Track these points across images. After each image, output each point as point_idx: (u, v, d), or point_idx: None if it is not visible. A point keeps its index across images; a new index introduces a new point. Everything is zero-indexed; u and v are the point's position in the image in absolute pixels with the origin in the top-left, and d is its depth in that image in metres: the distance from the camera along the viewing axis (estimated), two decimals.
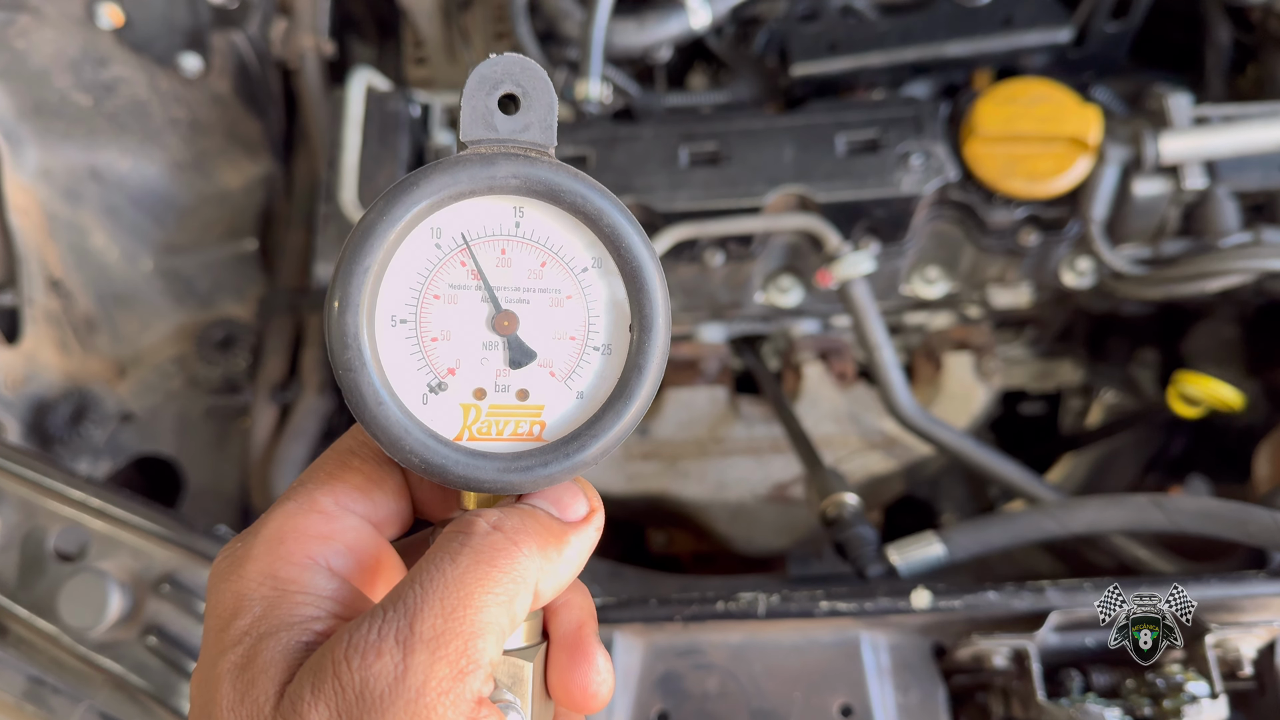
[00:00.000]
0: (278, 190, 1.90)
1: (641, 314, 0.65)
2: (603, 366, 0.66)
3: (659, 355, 0.65)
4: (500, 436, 0.65)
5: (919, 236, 1.54)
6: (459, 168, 0.62)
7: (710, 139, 1.51)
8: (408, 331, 0.64)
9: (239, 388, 1.75)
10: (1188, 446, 1.77)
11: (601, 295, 0.66)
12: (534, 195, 0.64)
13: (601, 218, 0.64)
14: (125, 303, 1.80)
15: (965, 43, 1.56)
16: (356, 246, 0.61)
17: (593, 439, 0.64)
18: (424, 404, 0.64)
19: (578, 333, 0.66)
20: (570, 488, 0.66)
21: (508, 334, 0.65)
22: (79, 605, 1.16)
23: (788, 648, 1.14)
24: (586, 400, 0.66)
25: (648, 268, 0.65)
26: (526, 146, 0.64)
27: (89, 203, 1.77)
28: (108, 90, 1.73)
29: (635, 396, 0.65)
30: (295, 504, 0.63)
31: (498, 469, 0.63)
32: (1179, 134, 1.42)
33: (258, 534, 0.61)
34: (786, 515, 1.59)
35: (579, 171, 0.64)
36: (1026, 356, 1.75)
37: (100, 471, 1.69)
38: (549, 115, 0.65)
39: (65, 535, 1.21)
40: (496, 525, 0.59)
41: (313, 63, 1.76)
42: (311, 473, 0.66)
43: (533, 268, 0.65)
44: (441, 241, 0.64)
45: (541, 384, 0.65)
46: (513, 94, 0.64)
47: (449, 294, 0.64)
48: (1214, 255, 1.39)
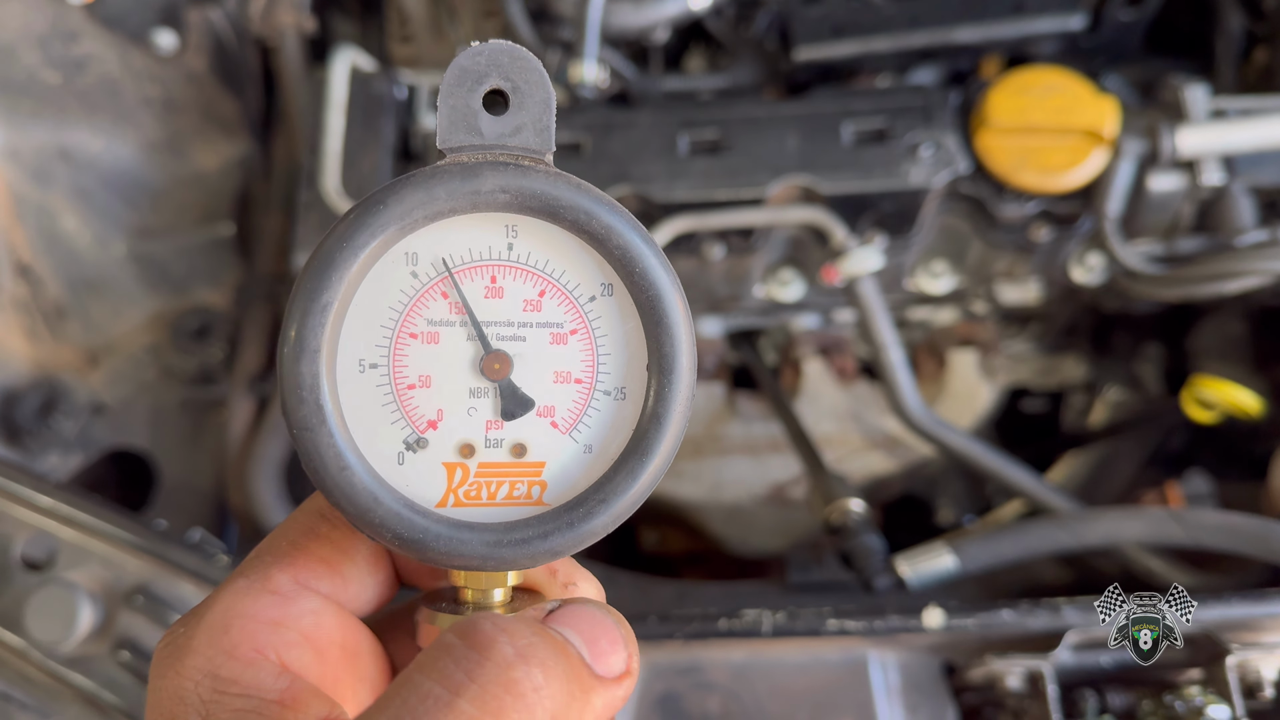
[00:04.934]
0: (255, 172, 1.82)
1: (661, 351, 0.55)
2: (614, 415, 0.57)
3: (682, 401, 0.55)
4: (492, 501, 0.56)
5: (927, 231, 1.48)
6: (436, 182, 0.53)
7: (711, 126, 1.45)
8: (379, 378, 0.54)
9: (215, 379, 1.68)
10: (1188, 442, 1.73)
11: (612, 329, 0.57)
12: (528, 212, 0.55)
13: (610, 237, 0.55)
14: (97, 289, 1.73)
15: (975, 28, 1.50)
16: (312, 278, 0.51)
17: (603, 504, 0.55)
18: (399, 465, 0.55)
19: (584, 375, 0.57)
20: (609, 628, 0.53)
21: (499, 378, 0.56)
22: (47, 618, 1.11)
23: (793, 666, 1.09)
24: (595, 455, 0.57)
25: (667, 295, 0.55)
26: (518, 153, 0.55)
27: (59, 185, 1.69)
28: (78, 67, 1.65)
29: (654, 451, 0.55)
30: (246, 582, 0.53)
31: (489, 542, 0.54)
32: (1197, 127, 1.37)
33: (201, 619, 0.52)
34: (784, 517, 1.54)
35: (582, 182, 0.55)
36: (1030, 352, 1.71)
37: (71, 465, 1.62)
38: (544, 115, 0.56)
39: (33, 543, 1.15)
40: (524, 654, 0.46)
41: (293, 40, 1.69)
42: (272, 541, 0.56)
43: (529, 298, 0.56)
44: (418, 269, 0.55)
45: (541, 437, 0.56)
46: (500, 90, 0.55)
47: (428, 332, 0.55)
48: (1233, 255, 1.34)
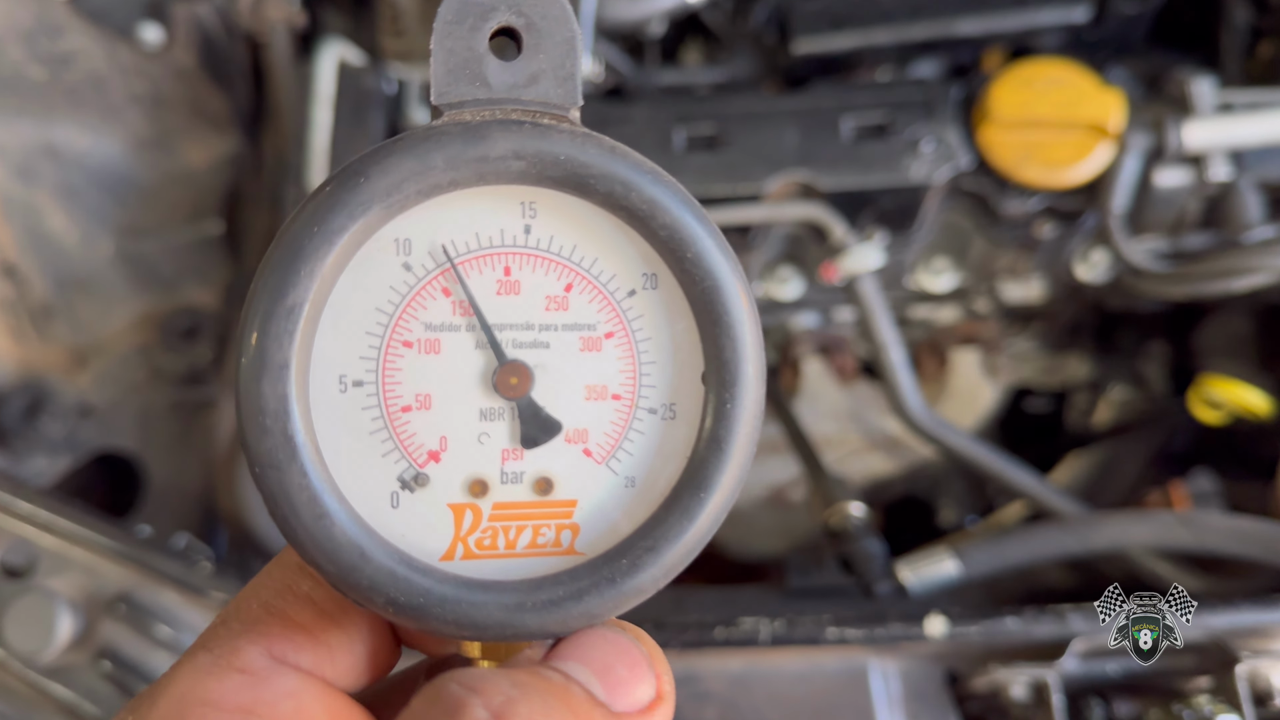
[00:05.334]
0: (245, 169, 1.79)
1: (720, 358, 0.44)
2: (662, 439, 0.45)
3: (749, 420, 0.43)
4: (512, 551, 0.44)
5: (928, 227, 1.45)
6: (432, 146, 0.41)
7: (707, 121, 1.42)
8: (365, 399, 0.42)
9: (204, 380, 1.65)
10: (1193, 442, 1.70)
11: (657, 332, 0.45)
12: (549, 184, 0.43)
13: (655, 214, 0.43)
14: (84, 288, 1.69)
15: (977, 20, 1.47)
16: (275, 274, 0.39)
17: (651, 553, 0.43)
18: (393, 508, 0.43)
19: (623, 390, 0.45)
20: (626, 649, 0.42)
21: (517, 396, 0.44)
22: (26, 628, 1.08)
23: (791, 675, 1.06)
24: (640, 491, 0.45)
25: (728, 287, 0.43)
26: (535, 109, 0.43)
27: (45, 182, 1.66)
28: (64, 63, 1.62)
29: (714, 484, 0.43)
30: (210, 658, 0.42)
31: (508, 606, 0.41)
32: (1203, 122, 1.35)
33: (155, 706, 0.42)
34: (784, 519, 1.51)
35: (617, 144, 0.44)
36: (1033, 351, 1.68)
37: (59, 468, 1.59)
38: (568, 59, 0.44)
39: (12, 550, 1.13)
40: (501, 714, 0.38)
41: (282, 34, 1.65)
42: (240, 605, 0.45)
43: (552, 294, 0.45)
44: (412, 260, 0.43)
45: (572, 468, 0.45)
46: (512, 28, 0.44)
47: (426, 339, 0.43)
48: (1241, 252, 1.31)
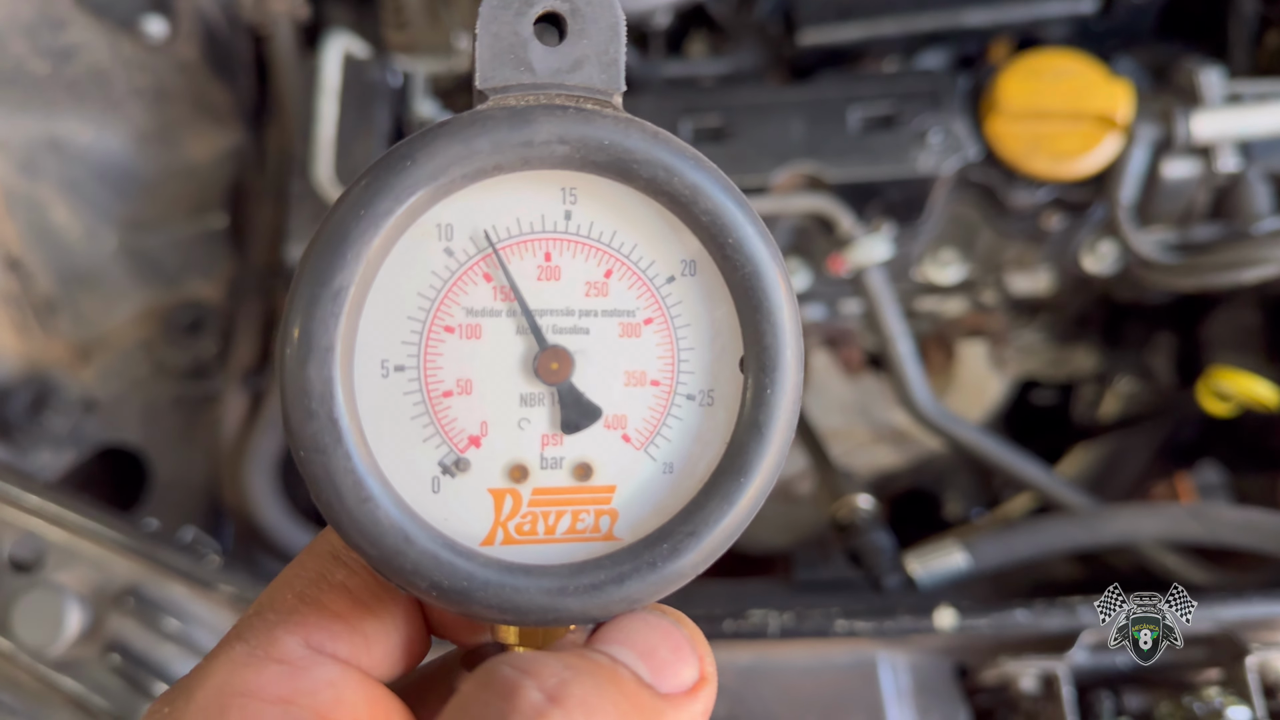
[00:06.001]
0: (249, 163, 1.78)
1: (761, 344, 0.45)
2: (701, 425, 0.47)
3: (788, 405, 0.45)
4: (551, 536, 0.46)
5: (935, 219, 1.45)
6: (477, 130, 0.42)
7: (713, 113, 1.41)
8: (406, 384, 0.44)
9: (208, 373, 1.65)
10: (1200, 434, 1.70)
11: (697, 318, 0.46)
12: (592, 168, 0.44)
13: (697, 199, 0.44)
14: (88, 282, 1.69)
15: (984, 10, 1.46)
16: (321, 258, 0.41)
17: (691, 537, 0.45)
18: (434, 493, 0.44)
19: (662, 375, 0.46)
20: (668, 631, 0.44)
21: (558, 381, 0.45)
22: (35, 622, 1.08)
23: (800, 668, 1.06)
24: (679, 476, 0.47)
25: (768, 273, 0.45)
26: (579, 94, 0.44)
27: (48, 176, 1.66)
28: (66, 56, 1.61)
29: (754, 469, 0.45)
30: (246, 648, 0.43)
31: (548, 589, 0.43)
32: (1212, 112, 1.34)
33: (192, 697, 0.41)
34: (791, 513, 1.51)
35: (660, 130, 0.44)
36: (1040, 343, 1.67)
37: (63, 462, 1.59)
38: (612, 44, 0.45)
39: (20, 544, 1.13)
40: (556, 696, 0.39)
41: (286, 27, 1.65)
42: (275, 594, 0.45)
43: (592, 280, 0.46)
44: (454, 245, 0.45)
45: (610, 454, 0.46)
46: (556, 13, 0.45)
47: (468, 324, 0.45)
48: (1249, 243, 1.30)
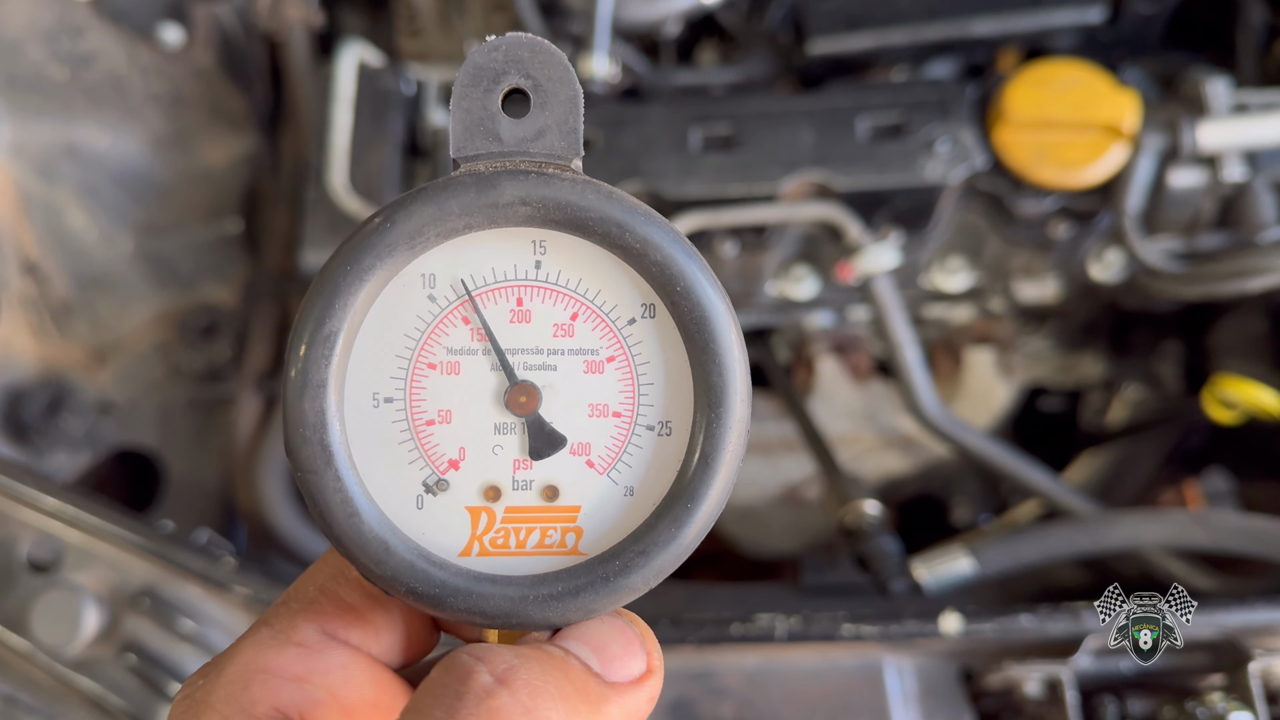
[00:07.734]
0: (263, 168, 1.80)
1: (709, 381, 0.50)
2: (658, 453, 0.51)
3: (734, 438, 0.50)
4: (521, 549, 0.51)
5: (943, 227, 1.46)
6: (448, 195, 0.49)
7: (723, 121, 1.43)
8: (394, 413, 0.50)
9: (223, 377, 1.67)
10: (1207, 441, 1.70)
11: (654, 356, 0.51)
12: (553, 225, 0.50)
13: (648, 252, 0.49)
14: (104, 286, 1.71)
15: (992, 20, 1.47)
16: (315, 306, 0.48)
17: (642, 555, 0.50)
18: (418, 509, 0.51)
19: (623, 408, 0.51)
20: (621, 629, 0.50)
21: (526, 413, 0.51)
22: (52, 621, 1.10)
23: (807, 672, 1.07)
24: (637, 499, 0.51)
25: (716, 317, 0.50)
26: (541, 160, 0.50)
27: (66, 181, 1.68)
28: (84, 63, 1.63)
29: (703, 495, 0.50)
30: (270, 632, 0.50)
31: (515, 597, 0.49)
32: (1218, 121, 1.35)
33: (221, 672, 0.48)
34: (798, 518, 1.52)
35: (614, 190, 0.50)
36: (1048, 350, 1.68)
37: (78, 464, 1.61)
38: (570, 115, 0.51)
39: (39, 545, 1.15)
40: (504, 679, 0.43)
41: (301, 35, 1.67)
42: (298, 587, 0.52)
43: (560, 322, 0.51)
44: (436, 292, 0.51)
45: (576, 478, 0.51)
46: (520, 88, 0.51)
47: (448, 361, 0.51)
48: (1255, 252, 1.31)
